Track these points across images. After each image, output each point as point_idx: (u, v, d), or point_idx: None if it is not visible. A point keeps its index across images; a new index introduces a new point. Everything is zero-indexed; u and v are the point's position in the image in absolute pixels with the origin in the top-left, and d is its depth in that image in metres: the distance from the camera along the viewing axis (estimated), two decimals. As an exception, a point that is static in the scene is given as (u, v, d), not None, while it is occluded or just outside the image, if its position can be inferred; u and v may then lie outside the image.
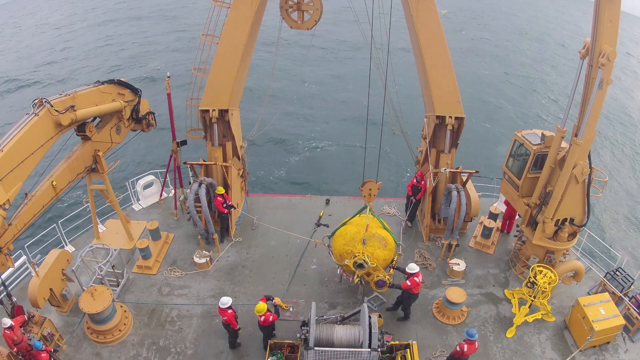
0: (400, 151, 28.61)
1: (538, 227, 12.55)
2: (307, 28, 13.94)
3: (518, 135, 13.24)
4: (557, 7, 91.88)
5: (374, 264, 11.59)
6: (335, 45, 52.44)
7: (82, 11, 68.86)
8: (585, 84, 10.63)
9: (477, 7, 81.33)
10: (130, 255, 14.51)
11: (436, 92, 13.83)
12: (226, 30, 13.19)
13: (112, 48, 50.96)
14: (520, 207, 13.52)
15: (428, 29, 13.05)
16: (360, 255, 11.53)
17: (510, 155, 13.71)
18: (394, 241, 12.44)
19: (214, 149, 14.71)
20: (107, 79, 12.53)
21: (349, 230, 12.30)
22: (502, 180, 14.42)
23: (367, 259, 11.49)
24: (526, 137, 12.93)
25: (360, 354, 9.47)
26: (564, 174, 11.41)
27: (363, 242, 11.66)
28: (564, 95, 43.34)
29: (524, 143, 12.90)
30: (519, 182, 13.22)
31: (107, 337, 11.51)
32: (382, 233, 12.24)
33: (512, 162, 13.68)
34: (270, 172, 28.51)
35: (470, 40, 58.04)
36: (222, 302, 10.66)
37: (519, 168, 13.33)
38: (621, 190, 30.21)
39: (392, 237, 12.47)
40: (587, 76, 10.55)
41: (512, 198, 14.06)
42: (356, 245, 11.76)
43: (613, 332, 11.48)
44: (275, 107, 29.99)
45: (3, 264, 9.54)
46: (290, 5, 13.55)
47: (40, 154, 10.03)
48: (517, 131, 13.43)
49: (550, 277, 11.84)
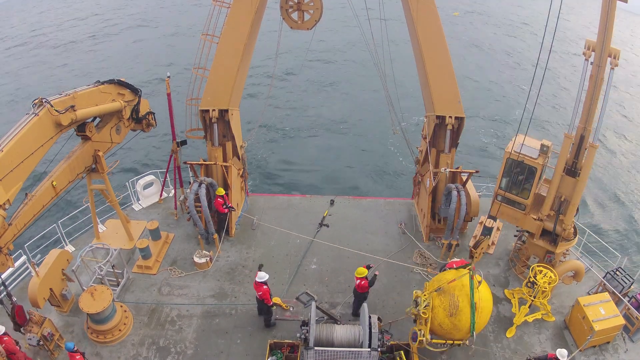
0: (400, 151, 28.73)
1: (560, 236, 12.27)
2: (307, 28, 13.97)
3: (509, 153, 12.15)
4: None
5: (427, 314, 10.13)
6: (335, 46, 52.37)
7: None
8: (592, 86, 10.39)
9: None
10: (130, 255, 14.51)
11: (436, 92, 13.83)
12: (226, 30, 13.19)
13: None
14: (530, 224, 12.74)
15: (428, 29, 13.05)
16: (424, 297, 10.22)
17: (503, 176, 12.68)
18: (468, 324, 10.01)
19: (214, 148, 14.71)
20: (107, 79, 12.54)
21: (442, 277, 10.46)
22: (494, 204, 13.23)
23: (424, 304, 10.09)
24: (524, 153, 12.00)
25: (360, 354, 9.48)
26: (583, 179, 11.24)
27: (437, 289, 10.24)
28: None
29: (524, 160, 12.01)
30: (526, 200, 12.50)
31: (107, 337, 11.50)
32: (463, 304, 10.00)
33: (508, 182, 12.65)
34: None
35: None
36: (260, 276, 11.46)
37: (519, 186, 12.53)
38: (621, 190, 30.22)
39: (470, 321, 9.97)
40: (595, 77, 10.30)
41: (514, 218, 13.08)
42: (431, 291, 10.32)
43: (613, 332, 11.49)
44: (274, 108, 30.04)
45: (3, 264, 9.53)
46: (291, 6, 13.58)
47: (40, 154, 10.02)
48: (505, 148, 12.39)
49: (550, 277, 11.84)
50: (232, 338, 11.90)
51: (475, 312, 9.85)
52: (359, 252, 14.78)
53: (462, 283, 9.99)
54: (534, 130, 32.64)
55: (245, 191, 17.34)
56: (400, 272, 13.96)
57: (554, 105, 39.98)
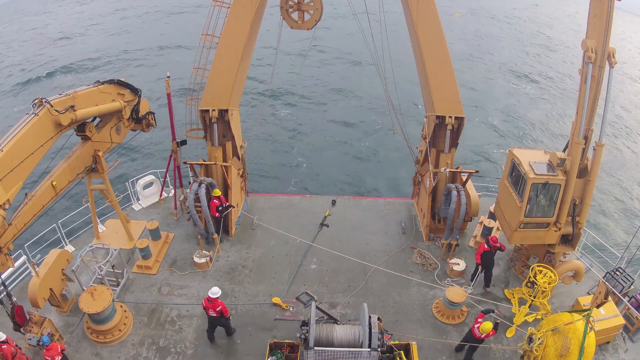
0: (401, 150, 28.65)
1: (576, 235, 12.29)
2: (307, 28, 13.97)
3: (534, 177, 11.48)
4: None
5: (538, 353, 10.07)
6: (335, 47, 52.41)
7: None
8: (594, 87, 10.39)
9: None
10: (130, 255, 14.51)
11: (436, 92, 13.83)
12: (226, 30, 13.20)
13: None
14: (551, 236, 12.39)
15: (428, 29, 13.05)
16: (539, 334, 10.11)
17: (528, 203, 11.86)
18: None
19: (214, 148, 14.70)
20: (107, 79, 12.54)
21: (559, 318, 10.34)
22: (515, 234, 12.48)
23: (538, 342, 10.06)
24: (545, 173, 11.55)
25: (360, 354, 9.48)
26: (594, 178, 11.33)
27: (554, 329, 10.02)
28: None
29: (549, 180, 11.52)
30: (553, 217, 12.07)
31: (107, 337, 11.50)
32: (574, 347, 9.79)
33: (532, 207, 11.94)
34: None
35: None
36: (213, 292, 10.86)
37: (544, 207, 11.99)
38: (621, 190, 30.22)
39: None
40: (596, 78, 10.27)
41: (537, 237, 12.56)
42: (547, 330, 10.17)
43: (613, 332, 11.49)
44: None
45: (3, 264, 9.52)
46: (291, 6, 13.58)
47: (40, 154, 10.01)
48: (528, 175, 11.60)
49: (550, 277, 11.84)
50: (232, 338, 11.89)
51: (582, 357, 9.73)
52: (359, 252, 14.82)
53: (575, 326, 9.93)
54: (517, 142, 33.12)
55: (245, 191, 17.34)
56: (400, 272, 13.93)
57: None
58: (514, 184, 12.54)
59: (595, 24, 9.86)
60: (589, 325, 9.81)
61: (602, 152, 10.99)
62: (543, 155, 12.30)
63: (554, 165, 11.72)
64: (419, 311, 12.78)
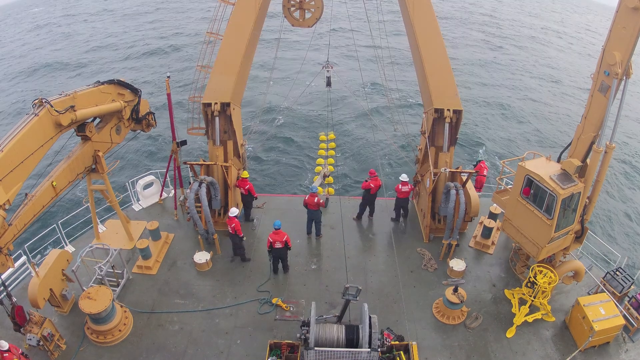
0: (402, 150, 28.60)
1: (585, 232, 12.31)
2: (308, 26, 14.12)
3: (564, 193, 11.09)
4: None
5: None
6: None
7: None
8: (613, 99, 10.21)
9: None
10: (130, 255, 14.51)
11: (434, 85, 13.94)
12: (230, 24, 13.43)
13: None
14: (569, 240, 12.32)
15: (424, 23, 13.17)
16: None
17: (558, 220, 11.51)
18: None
19: (215, 147, 14.72)
20: (107, 79, 12.55)
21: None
22: (543, 251, 12.07)
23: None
24: (570, 185, 11.28)
25: (360, 354, 9.48)
26: (601, 179, 11.35)
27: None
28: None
29: (574, 191, 11.29)
30: (574, 224, 12.02)
31: (107, 337, 11.50)
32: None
33: (560, 221, 11.63)
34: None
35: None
36: (232, 211, 13.43)
37: (568, 217, 11.82)
38: (621, 190, 30.22)
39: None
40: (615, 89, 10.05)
41: (558, 246, 12.39)
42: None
43: (613, 332, 11.48)
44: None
45: (3, 264, 9.52)
46: (293, 4, 13.71)
47: (40, 154, 10.01)
48: (557, 192, 11.17)
49: (550, 277, 11.84)
50: (232, 338, 11.89)
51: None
52: (359, 252, 14.81)
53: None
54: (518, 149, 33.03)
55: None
56: (400, 272, 13.94)
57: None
58: (534, 201, 11.92)
59: (623, 35, 9.19)
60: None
61: (611, 154, 10.99)
62: (551, 164, 11.94)
63: (570, 173, 11.42)
64: (419, 311, 12.77)
